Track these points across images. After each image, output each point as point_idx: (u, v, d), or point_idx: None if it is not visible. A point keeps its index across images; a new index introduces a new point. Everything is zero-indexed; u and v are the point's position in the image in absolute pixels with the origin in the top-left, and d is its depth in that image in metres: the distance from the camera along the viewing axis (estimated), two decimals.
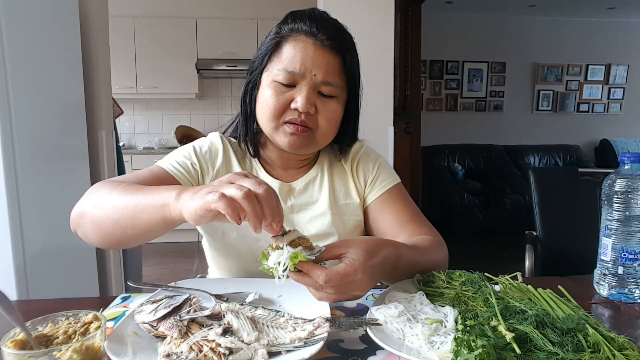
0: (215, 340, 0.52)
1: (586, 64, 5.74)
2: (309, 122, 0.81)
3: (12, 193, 1.50)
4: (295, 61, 0.80)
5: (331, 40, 0.81)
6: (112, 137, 2.22)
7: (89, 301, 0.74)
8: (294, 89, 0.81)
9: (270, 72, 0.83)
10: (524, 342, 0.51)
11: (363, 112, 0.96)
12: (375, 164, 0.96)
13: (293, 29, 0.82)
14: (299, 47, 0.80)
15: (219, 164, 0.91)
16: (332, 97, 0.83)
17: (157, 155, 4.32)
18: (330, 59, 0.81)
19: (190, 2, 4.40)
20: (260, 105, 0.84)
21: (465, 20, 5.43)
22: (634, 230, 0.72)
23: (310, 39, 0.81)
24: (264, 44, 0.86)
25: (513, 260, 1.49)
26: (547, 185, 1.48)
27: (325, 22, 0.83)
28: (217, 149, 0.92)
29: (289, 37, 0.82)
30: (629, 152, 0.74)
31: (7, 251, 1.49)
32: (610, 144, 5.56)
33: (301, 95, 0.79)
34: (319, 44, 0.80)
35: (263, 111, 0.83)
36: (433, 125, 5.27)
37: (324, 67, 0.80)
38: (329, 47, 0.81)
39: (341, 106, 0.86)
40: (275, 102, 0.81)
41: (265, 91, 0.82)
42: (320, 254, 0.61)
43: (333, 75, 0.82)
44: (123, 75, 4.14)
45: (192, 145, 0.92)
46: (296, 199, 0.92)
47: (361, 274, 0.59)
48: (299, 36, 0.81)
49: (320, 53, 0.80)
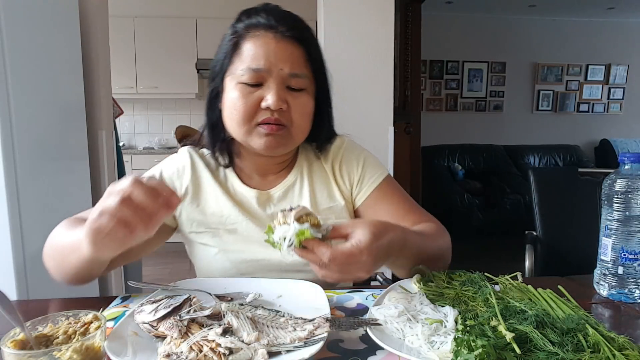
0: (215, 340, 0.52)
1: (586, 64, 5.74)
2: (283, 119, 0.79)
3: (12, 193, 1.50)
4: (258, 58, 0.77)
5: (292, 31, 0.78)
6: (112, 137, 2.23)
7: (89, 301, 0.74)
8: (261, 87, 0.78)
9: (233, 75, 0.79)
10: (524, 342, 0.51)
11: (363, 112, 0.95)
12: (359, 161, 0.92)
13: (250, 25, 0.79)
14: (260, 42, 0.77)
15: (187, 181, 0.88)
16: (301, 90, 0.80)
17: (157, 155, 4.33)
18: (293, 50, 0.78)
19: (190, 2, 4.39)
20: (228, 111, 0.80)
21: (465, 20, 5.43)
22: (634, 230, 0.72)
23: (270, 33, 0.78)
24: (221, 47, 0.83)
25: (513, 260, 1.49)
26: (547, 185, 1.48)
27: (282, 14, 0.80)
28: (183, 167, 0.90)
29: (247, 34, 0.79)
30: (629, 152, 0.74)
31: (7, 251, 1.49)
32: (610, 144, 5.56)
33: (271, 92, 0.76)
34: (279, 36, 0.78)
35: (232, 116, 0.79)
36: (433, 125, 5.27)
37: (289, 60, 0.78)
38: (291, 38, 0.78)
39: (312, 98, 0.83)
40: (243, 104, 0.77)
41: (231, 95, 0.79)
42: (327, 232, 0.61)
43: (299, 67, 0.79)
44: (123, 75, 4.14)
45: (160, 170, 0.90)
46: (276, 207, 0.89)
47: (366, 256, 0.59)
48: (257, 32, 0.78)
49: (282, 45, 0.78)
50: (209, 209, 0.87)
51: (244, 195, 0.89)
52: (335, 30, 2.30)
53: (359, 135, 0.98)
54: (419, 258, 0.75)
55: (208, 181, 0.89)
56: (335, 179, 0.91)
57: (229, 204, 0.87)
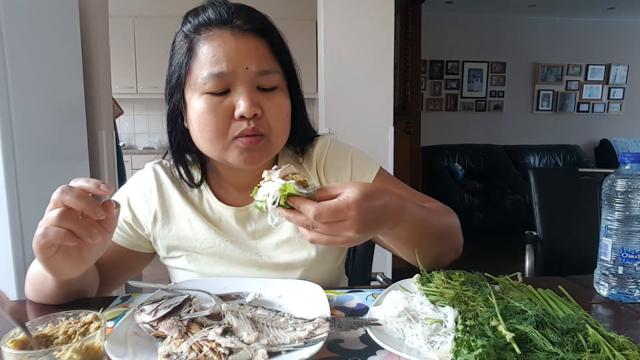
0: (215, 340, 0.52)
1: (586, 64, 5.74)
2: (260, 127, 0.70)
3: (12, 193, 1.50)
4: (218, 60, 0.67)
5: (251, 23, 0.69)
6: (112, 137, 2.23)
7: (89, 301, 0.74)
8: (229, 94, 0.68)
9: (194, 86, 0.69)
10: (524, 342, 0.51)
11: (363, 112, 0.93)
12: (346, 161, 0.84)
13: (200, 25, 0.70)
14: (217, 42, 0.68)
15: (155, 205, 0.81)
16: (273, 88, 0.71)
17: (157, 156, 4.31)
18: (257, 44, 0.69)
19: (190, 2, 4.37)
20: (197, 128, 0.70)
21: (465, 20, 5.43)
22: (634, 230, 0.72)
23: (225, 29, 0.68)
24: (173, 57, 0.73)
25: (513, 260, 1.49)
26: (547, 185, 1.48)
27: (233, 6, 0.71)
28: (149, 189, 0.82)
29: (199, 36, 0.69)
30: (629, 152, 0.74)
31: (7, 251, 1.49)
32: (610, 144, 5.57)
33: (241, 98, 0.67)
34: (237, 31, 0.68)
35: (203, 134, 0.70)
36: (433, 125, 5.27)
37: (255, 56, 0.68)
38: (251, 30, 0.69)
39: (287, 97, 0.74)
40: (213, 117, 0.68)
41: (197, 109, 0.69)
42: (314, 190, 0.56)
43: (267, 62, 0.70)
44: (123, 75, 4.14)
45: (126, 196, 0.82)
46: (256, 224, 0.81)
47: (354, 211, 0.53)
48: (211, 30, 0.69)
49: (243, 41, 0.68)
50: (183, 233, 0.81)
51: (221, 214, 0.81)
52: (335, 30, 2.31)
53: (359, 135, 0.97)
54: (422, 233, 0.68)
55: (178, 202, 0.81)
56: (320, 184, 0.83)
57: (204, 226, 0.80)
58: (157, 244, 0.83)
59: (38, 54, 1.68)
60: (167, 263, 0.86)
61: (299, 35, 3.86)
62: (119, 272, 0.84)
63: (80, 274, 0.62)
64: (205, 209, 0.82)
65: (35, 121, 1.65)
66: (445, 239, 0.76)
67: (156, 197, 0.81)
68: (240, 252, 0.81)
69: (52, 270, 0.59)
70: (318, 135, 0.87)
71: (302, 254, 0.81)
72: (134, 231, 0.82)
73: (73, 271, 0.60)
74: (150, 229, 0.81)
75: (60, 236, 0.53)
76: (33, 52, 1.65)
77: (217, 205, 0.81)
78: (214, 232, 0.80)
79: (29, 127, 1.60)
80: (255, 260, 0.81)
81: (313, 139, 0.85)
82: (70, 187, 0.55)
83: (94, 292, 0.78)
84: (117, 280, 0.85)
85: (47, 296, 0.70)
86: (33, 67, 1.65)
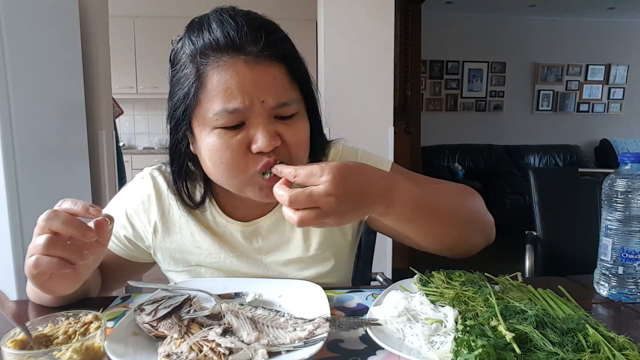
0: (215, 340, 0.52)
1: (586, 64, 5.74)
2: (280, 156, 0.63)
3: (12, 193, 1.50)
4: (232, 94, 0.60)
5: (266, 49, 0.61)
6: (112, 137, 2.23)
7: (89, 301, 0.74)
8: (243, 127, 0.62)
9: (203, 120, 0.63)
10: (524, 342, 0.51)
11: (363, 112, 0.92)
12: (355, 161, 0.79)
13: (207, 49, 0.61)
14: (229, 73, 0.60)
15: (155, 216, 0.77)
16: (291, 115, 0.65)
17: (157, 156, 4.33)
18: (273, 72, 0.62)
19: (190, 2, 4.38)
20: (211, 164, 0.65)
21: (465, 20, 5.43)
22: (634, 230, 0.72)
23: (238, 57, 0.60)
24: (176, 82, 0.66)
25: (513, 260, 1.49)
26: (547, 185, 1.48)
27: (245, 23, 0.61)
28: (148, 197, 0.77)
29: (207, 61, 0.61)
30: (629, 152, 0.74)
31: (7, 251, 1.49)
32: (610, 144, 5.57)
33: (259, 132, 0.61)
34: (252, 60, 0.60)
35: (218, 169, 0.65)
36: (433, 125, 5.27)
37: (272, 87, 0.61)
38: (266, 57, 0.61)
39: (306, 119, 0.68)
40: (230, 155, 0.62)
41: (209, 144, 0.63)
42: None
43: (285, 92, 0.63)
44: (123, 75, 4.14)
45: (124, 209, 0.78)
46: (264, 241, 0.78)
47: (328, 175, 0.52)
48: (220, 58, 0.60)
49: (259, 70, 0.60)
50: (185, 245, 0.78)
51: (226, 227, 0.78)
52: (335, 30, 2.30)
53: (359, 135, 0.97)
54: (429, 213, 0.63)
55: (179, 213, 0.77)
56: None
57: (208, 239, 0.77)
58: (157, 256, 0.81)
59: (38, 54, 1.68)
60: (170, 276, 0.84)
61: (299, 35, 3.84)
62: (118, 278, 0.84)
63: (76, 288, 0.61)
64: (208, 221, 0.78)
65: (35, 121, 1.65)
66: (464, 220, 0.70)
67: (155, 208, 0.77)
68: (247, 268, 0.79)
69: (47, 292, 0.58)
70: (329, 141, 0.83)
71: (311, 271, 0.80)
72: (134, 245, 0.80)
73: (69, 289, 0.59)
74: (150, 240, 0.78)
75: (52, 266, 0.52)
76: (33, 52, 1.65)
77: (222, 219, 0.78)
78: (218, 246, 0.78)
79: (29, 127, 1.60)
80: (263, 274, 0.80)
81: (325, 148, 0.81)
82: (56, 212, 0.52)
83: (96, 292, 0.78)
84: (116, 284, 0.86)
85: (47, 303, 0.70)
86: (33, 67, 1.65)
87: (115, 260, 0.80)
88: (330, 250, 0.80)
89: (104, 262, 0.70)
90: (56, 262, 0.52)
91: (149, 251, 0.81)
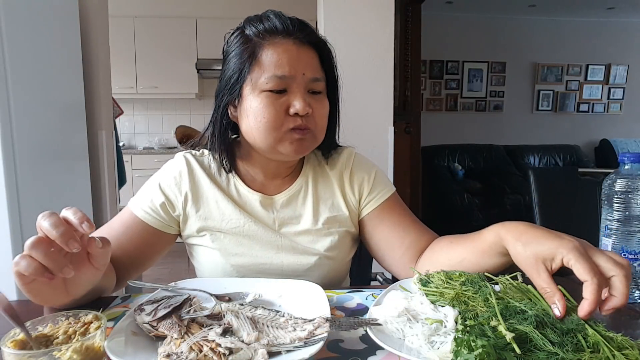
0: (215, 340, 0.52)
1: (586, 64, 5.74)
2: (309, 123, 0.80)
3: (12, 193, 1.50)
4: (282, 65, 0.78)
5: (309, 37, 0.81)
6: (112, 137, 2.23)
7: None
8: (285, 94, 0.79)
9: (254, 83, 0.79)
10: (524, 342, 0.51)
11: (363, 112, 0.96)
12: (371, 174, 0.94)
13: (265, 32, 0.79)
14: (281, 49, 0.78)
15: (186, 188, 0.88)
16: (320, 92, 0.83)
17: (157, 155, 4.34)
18: (311, 54, 0.81)
19: (190, 2, 4.39)
20: (254, 120, 0.79)
21: (465, 20, 5.43)
22: (634, 230, 0.72)
23: (289, 39, 0.79)
24: (230, 57, 0.83)
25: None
26: (547, 185, 1.48)
27: (294, 19, 0.82)
28: (180, 173, 0.89)
29: (264, 42, 0.79)
30: (629, 152, 0.74)
31: (7, 251, 1.49)
32: (610, 144, 5.56)
33: (298, 99, 0.78)
34: (299, 42, 0.79)
35: (259, 125, 0.79)
36: (433, 125, 5.28)
37: (310, 65, 0.80)
38: (308, 43, 0.81)
39: (327, 100, 0.85)
40: (272, 112, 0.78)
41: (255, 104, 0.79)
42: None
43: (318, 71, 0.82)
44: (123, 75, 4.14)
45: (157, 182, 0.89)
46: (279, 213, 0.90)
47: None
48: (276, 38, 0.79)
49: (303, 50, 0.80)
50: (210, 213, 0.88)
51: (247, 197, 0.90)
52: (335, 30, 2.30)
53: (359, 135, 0.98)
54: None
55: (207, 185, 0.89)
56: (342, 188, 0.93)
57: (231, 206, 0.88)
58: (187, 222, 0.89)
59: (38, 54, 1.68)
60: (191, 242, 0.91)
61: None
62: (145, 255, 0.87)
63: (65, 304, 0.61)
64: (232, 192, 0.90)
65: (35, 121, 1.65)
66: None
67: (187, 181, 0.88)
68: (263, 232, 0.88)
69: (30, 296, 0.58)
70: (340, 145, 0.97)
71: (319, 244, 0.89)
72: (166, 212, 0.87)
73: (56, 301, 0.59)
74: (181, 209, 0.88)
75: (31, 270, 0.52)
76: (33, 52, 1.65)
77: (245, 190, 0.90)
78: (239, 212, 0.88)
79: (29, 127, 1.60)
80: (276, 242, 0.88)
81: (337, 147, 0.96)
82: (52, 213, 0.53)
83: (109, 291, 0.79)
84: (143, 264, 0.88)
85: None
86: (33, 67, 1.65)
87: (145, 230, 0.86)
88: (334, 227, 0.91)
89: (136, 235, 0.83)
90: (35, 266, 0.53)
91: (177, 219, 0.89)
